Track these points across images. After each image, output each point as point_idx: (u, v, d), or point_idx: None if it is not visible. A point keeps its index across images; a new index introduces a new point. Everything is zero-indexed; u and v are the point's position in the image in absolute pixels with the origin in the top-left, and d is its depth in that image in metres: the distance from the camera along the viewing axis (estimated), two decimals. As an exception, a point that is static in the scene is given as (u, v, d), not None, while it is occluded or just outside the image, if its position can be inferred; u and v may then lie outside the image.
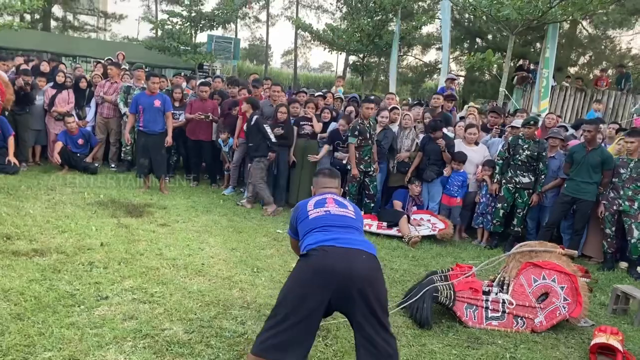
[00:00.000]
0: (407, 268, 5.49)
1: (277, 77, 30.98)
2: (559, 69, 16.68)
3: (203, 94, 8.42)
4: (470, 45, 24.18)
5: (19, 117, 8.03)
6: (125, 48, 18.90)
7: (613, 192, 6.18)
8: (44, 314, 3.46)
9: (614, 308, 4.76)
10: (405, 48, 24.93)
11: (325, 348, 3.47)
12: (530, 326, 4.14)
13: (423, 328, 3.95)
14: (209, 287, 4.28)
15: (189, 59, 18.27)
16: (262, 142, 7.25)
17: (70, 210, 6.04)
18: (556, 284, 4.22)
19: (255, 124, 7.29)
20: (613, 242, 6.20)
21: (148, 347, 3.21)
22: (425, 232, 6.66)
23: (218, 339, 3.41)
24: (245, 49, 42.44)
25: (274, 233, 6.18)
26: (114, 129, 8.93)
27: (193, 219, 6.37)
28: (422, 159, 7.23)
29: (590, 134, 6.19)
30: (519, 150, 6.54)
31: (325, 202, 3.08)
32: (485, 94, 22.15)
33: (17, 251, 4.53)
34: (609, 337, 3.63)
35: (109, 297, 3.85)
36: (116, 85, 8.88)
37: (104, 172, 8.56)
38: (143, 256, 4.82)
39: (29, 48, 18.33)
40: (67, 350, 3.05)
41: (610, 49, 24.38)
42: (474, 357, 3.60)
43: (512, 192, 6.62)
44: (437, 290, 4.15)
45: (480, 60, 11.52)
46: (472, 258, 6.02)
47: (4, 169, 7.45)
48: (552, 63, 11.69)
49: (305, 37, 34.51)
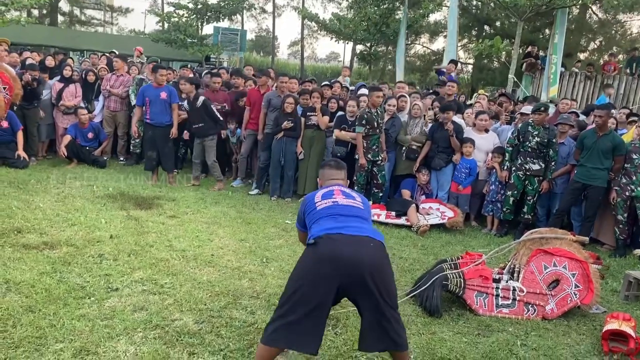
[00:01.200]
0: (417, 257, 5.48)
1: (284, 68, 30.92)
2: (569, 54, 16.54)
3: (215, 85, 8.41)
4: (478, 32, 24.00)
5: (27, 111, 8.06)
6: (132, 41, 18.93)
7: (625, 177, 6.12)
8: (54, 306, 3.48)
9: (626, 294, 4.72)
10: (413, 36, 24.78)
11: (335, 337, 3.47)
12: (541, 313, 4.12)
13: (433, 316, 3.94)
14: (219, 278, 4.29)
15: (196, 51, 18.28)
16: (212, 123, 7.53)
17: (79, 204, 6.07)
18: (567, 271, 4.18)
19: (203, 106, 7.47)
20: (625, 228, 6.14)
21: (158, 338, 3.22)
22: (434, 221, 6.63)
23: (228, 329, 3.42)
24: (252, 41, 42.35)
25: (283, 224, 6.18)
26: (122, 122, 8.95)
27: (202, 210, 6.38)
28: (431, 147, 7.17)
29: (602, 119, 6.11)
30: (528, 137, 6.47)
31: (332, 194, 3.06)
32: (494, 81, 21.98)
33: (27, 244, 4.56)
34: (621, 324, 3.60)
35: (119, 289, 3.87)
36: (122, 78, 8.88)
37: (112, 166, 8.59)
38: (153, 248, 4.83)
39: (37, 43, 18.41)
40: (78, 342, 3.07)
41: (620, 33, 24.08)
42: (485, 344, 3.58)
43: (522, 180, 6.56)
44: (447, 278, 4.13)
45: (489, 47, 11.45)
46: (482, 246, 5.99)
47: (13, 163, 7.50)
48: (561, 49, 11.58)
49: (312, 27, 34.40)
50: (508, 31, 20.20)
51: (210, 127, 7.61)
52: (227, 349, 3.17)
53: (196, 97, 7.53)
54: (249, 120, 7.98)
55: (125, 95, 8.80)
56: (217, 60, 20.89)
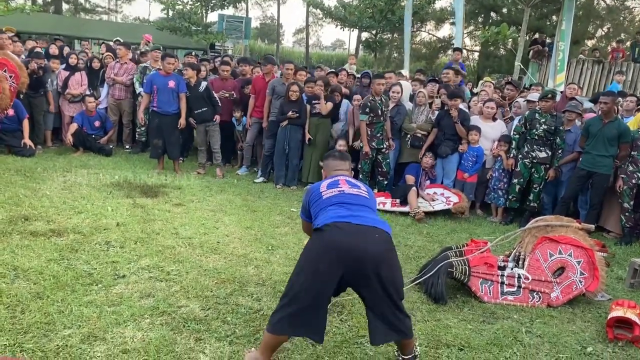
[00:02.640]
0: (422, 244, 5.49)
1: (289, 55, 30.76)
2: (576, 42, 16.37)
3: (224, 74, 8.40)
4: (484, 19, 23.81)
5: (33, 99, 8.07)
6: (137, 29, 18.92)
7: (632, 165, 6.08)
8: (62, 292, 3.52)
9: (631, 282, 4.71)
10: (419, 23, 24.60)
11: (341, 323, 3.49)
12: (547, 301, 4.12)
13: (438, 303, 3.95)
14: (225, 265, 4.32)
15: (200, 39, 18.22)
16: (212, 108, 7.59)
17: (86, 192, 6.10)
18: (572, 258, 4.18)
19: (206, 90, 7.50)
20: (631, 216, 6.11)
21: (165, 324, 3.25)
22: (439, 207, 6.63)
23: (234, 316, 3.45)
24: (257, 28, 42.18)
25: (288, 212, 6.20)
26: (127, 110, 8.95)
27: (207, 198, 6.41)
28: (437, 134, 7.14)
29: (607, 106, 6.06)
30: (535, 125, 6.44)
31: (338, 183, 3.06)
32: (501, 68, 21.84)
33: (35, 232, 4.59)
34: (626, 311, 3.60)
35: (125, 276, 3.90)
36: (126, 66, 8.87)
37: (118, 154, 8.62)
38: (159, 235, 4.86)
39: (42, 31, 18.41)
40: (86, 328, 3.10)
41: (629, 20, 23.82)
42: (490, 331, 3.60)
43: (529, 167, 6.54)
44: (452, 265, 4.13)
45: (495, 35, 11.36)
46: (487, 234, 5.99)
47: (20, 151, 7.53)
48: (569, 36, 11.45)
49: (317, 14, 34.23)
50: (515, 18, 20.00)
51: (212, 112, 7.66)
52: (233, 335, 3.20)
53: (198, 82, 7.54)
54: (254, 108, 7.97)
55: (130, 83, 8.80)
56: (221, 48, 20.84)
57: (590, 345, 3.53)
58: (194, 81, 7.53)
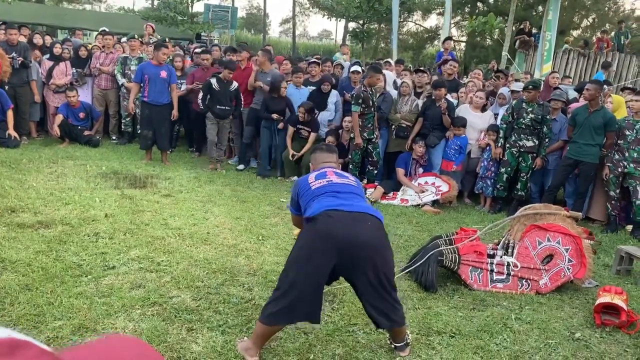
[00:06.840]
0: (412, 234, 5.51)
1: (275, 46, 30.54)
2: (562, 32, 16.45)
3: (205, 62, 8.31)
4: (471, 9, 23.83)
5: (19, 89, 7.94)
6: (121, 19, 18.65)
7: (618, 154, 6.15)
8: (52, 284, 3.48)
9: (617, 269, 4.79)
10: (406, 14, 24.57)
11: (333, 312, 3.50)
12: (535, 288, 4.17)
13: (428, 291, 3.98)
14: (215, 255, 4.30)
15: (186, 29, 18.04)
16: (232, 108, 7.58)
17: (73, 183, 6.03)
18: (561, 246, 4.23)
19: (236, 91, 7.50)
20: (617, 204, 6.19)
21: (157, 315, 3.23)
22: (429, 198, 6.65)
23: (226, 305, 3.44)
24: (243, 18, 41.83)
25: (278, 202, 6.19)
26: (112, 100, 8.84)
27: (196, 189, 6.37)
28: (423, 123, 7.13)
29: (589, 93, 6.13)
30: (522, 114, 6.48)
31: (326, 174, 3.08)
32: (487, 59, 21.91)
33: (22, 223, 4.53)
34: (613, 297, 3.65)
35: (115, 267, 3.87)
36: (112, 55, 8.75)
37: (105, 145, 8.52)
38: (148, 226, 4.82)
39: (23, 21, 18.04)
40: (76, 319, 3.08)
41: (613, 10, 24.01)
42: (480, 318, 3.63)
43: (516, 156, 6.59)
44: (442, 254, 4.16)
45: (483, 24, 11.37)
46: (476, 223, 6.03)
47: (4, 142, 7.41)
48: (555, 26, 11.51)
49: (304, 4, 34.02)
50: (501, 8, 20.09)
51: (232, 111, 7.59)
52: (225, 325, 3.20)
53: (230, 81, 7.44)
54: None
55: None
56: (207, 39, 20.64)
57: (579, 330, 3.58)
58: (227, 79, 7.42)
